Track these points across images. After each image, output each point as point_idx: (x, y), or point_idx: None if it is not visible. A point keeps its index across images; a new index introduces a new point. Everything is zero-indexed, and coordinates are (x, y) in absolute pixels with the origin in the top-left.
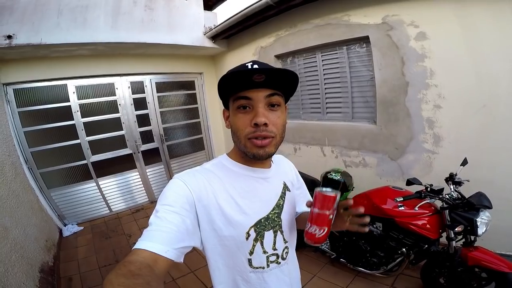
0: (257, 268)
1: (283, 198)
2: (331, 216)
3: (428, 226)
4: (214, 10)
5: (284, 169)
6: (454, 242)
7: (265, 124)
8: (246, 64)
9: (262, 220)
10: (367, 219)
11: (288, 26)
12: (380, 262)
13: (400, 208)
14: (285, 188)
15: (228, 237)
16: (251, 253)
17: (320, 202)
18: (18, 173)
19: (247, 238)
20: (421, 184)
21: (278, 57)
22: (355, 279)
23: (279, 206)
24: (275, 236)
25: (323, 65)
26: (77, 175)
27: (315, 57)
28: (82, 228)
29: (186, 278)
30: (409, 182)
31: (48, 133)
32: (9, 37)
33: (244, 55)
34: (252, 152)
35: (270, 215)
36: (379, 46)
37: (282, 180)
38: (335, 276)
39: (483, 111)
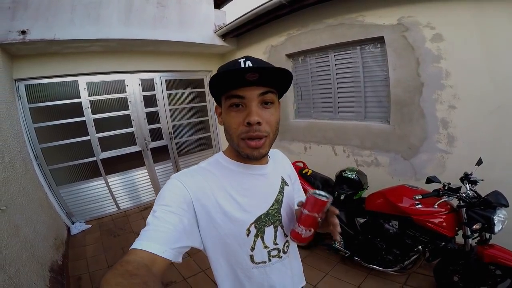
0: (259, 263)
1: (282, 193)
2: (319, 219)
3: (444, 224)
4: (222, 9)
5: (281, 164)
6: (470, 239)
7: (259, 123)
8: (239, 61)
9: (262, 216)
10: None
11: (300, 26)
12: (396, 260)
13: (417, 206)
14: (283, 183)
15: (228, 235)
16: (252, 249)
17: (312, 205)
18: (28, 169)
19: (247, 235)
20: (440, 182)
21: (289, 56)
22: (367, 277)
23: (278, 202)
24: (275, 231)
25: (335, 64)
26: (86, 172)
27: (328, 56)
28: (90, 226)
29: (197, 277)
30: (429, 180)
31: (58, 129)
32: (23, 32)
33: (254, 53)
34: (246, 153)
35: (270, 211)
36: (394, 47)
37: (280, 175)
38: (347, 275)
39: (498, 111)
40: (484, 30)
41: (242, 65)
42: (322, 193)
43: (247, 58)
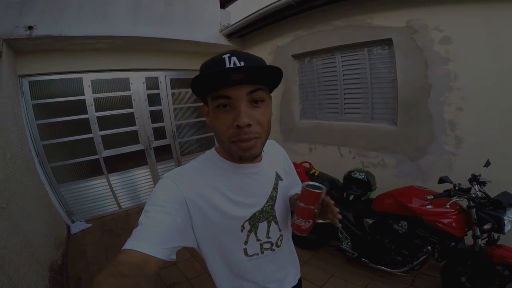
0: (252, 256)
1: (276, 189)
2: (316, 210)
3: (454, 224)
4: (227, 9)
5: (276, 158)
6: (480, 240)
7: (249, 125)
8: (223, 57)
9: (257, 214)
10: (339, 216)
11: (307, 27)
12: (404, 261)
13: (427, 207)
14: (278, 178)
15: (223, 232)
16: (245, 242)
17: (307, 198)
18: (30, 166)
19: (241, 230)
20: (451, 182)
21: (295, 56)
22: (374, 278)
23: (272, 198)
24: (268, 226)
25: (342, 66)
26: (88, 170)
27: (334, 57)
28: (90, 225)
29: (201, 278)
30: (441, 180)
31: (61, 126)
32: (30, 28)
33: (260, 54)
34: (238, 155)
35: (264, 208)
36: (403, 49)
37: (274, 170)
38: (353, 276)
39: (506, 113)
40: (492, 32)
41: (227, 62)
42: (316, 184)
43: (232, 53)
